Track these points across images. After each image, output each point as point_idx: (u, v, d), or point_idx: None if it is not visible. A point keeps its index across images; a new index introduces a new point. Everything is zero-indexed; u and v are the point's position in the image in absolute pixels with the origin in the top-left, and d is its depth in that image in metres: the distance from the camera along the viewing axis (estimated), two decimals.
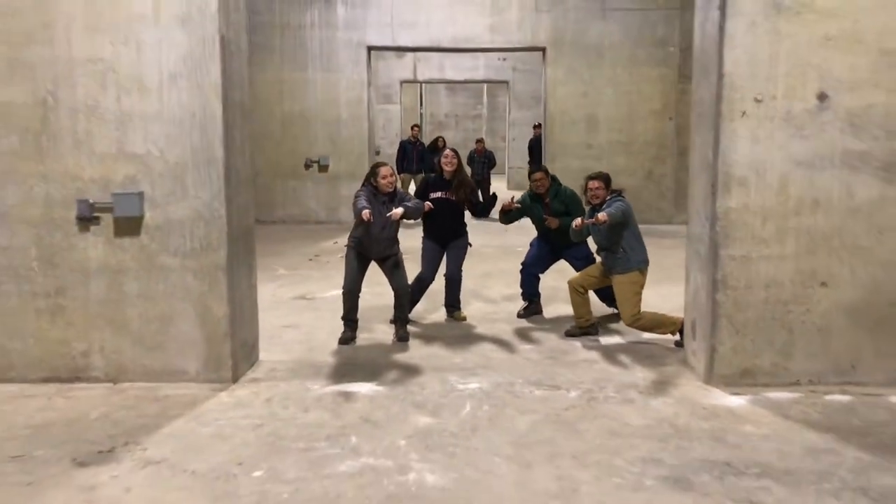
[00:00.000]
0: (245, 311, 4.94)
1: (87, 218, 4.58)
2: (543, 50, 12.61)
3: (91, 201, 4.55)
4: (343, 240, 10.09)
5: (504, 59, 19.39)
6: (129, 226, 4.59)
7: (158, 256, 4.63)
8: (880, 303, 4.67)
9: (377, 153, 14.75)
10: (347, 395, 4.53)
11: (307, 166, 12.65)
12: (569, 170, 10.49)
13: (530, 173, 6.52)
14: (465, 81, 20.96)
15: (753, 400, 4.46)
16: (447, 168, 6.14)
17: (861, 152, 4.57)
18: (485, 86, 25.43)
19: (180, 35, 4.47)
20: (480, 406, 4.36)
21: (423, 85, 24.44)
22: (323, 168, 12.67)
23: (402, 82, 20.07)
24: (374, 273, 5.79)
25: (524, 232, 7.55)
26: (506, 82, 20.35)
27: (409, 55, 18.55)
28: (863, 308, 4.67)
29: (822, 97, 4.54)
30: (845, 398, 4.49)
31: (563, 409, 4.32)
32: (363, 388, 4.66)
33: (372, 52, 12.75)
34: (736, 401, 4.45)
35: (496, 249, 9.65)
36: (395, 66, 19.49)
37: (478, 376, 4.88)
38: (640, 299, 5.51)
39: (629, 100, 12.49)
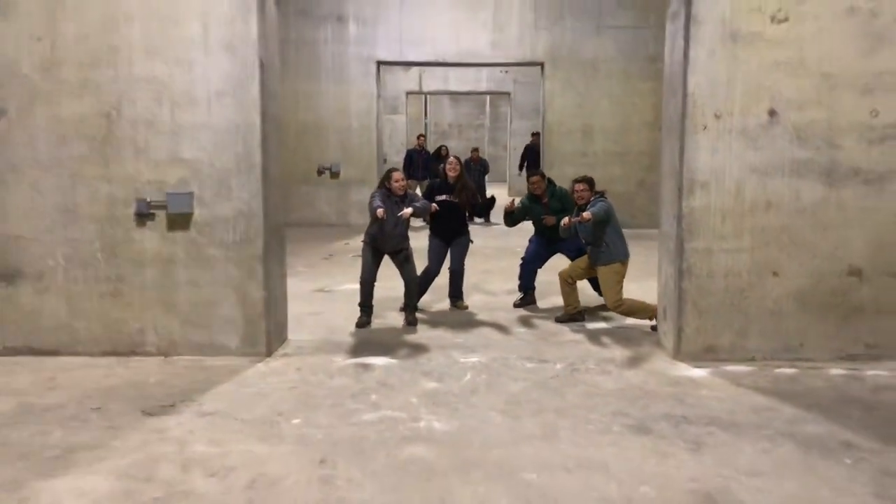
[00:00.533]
0: (277, 296, 5.72)
1: (144, 214, 5.36)
2: (542, 64, 13.41)
3: (148, 200, 5.34)
4: (353, 241, 10.94)
5: (506, 72, 20.21)
6: (180, 221, 5.38)
7: (205, 248, 5.42)
8: (824, 290, 5.43)
9: (384, 161, 15.55)
10: (366, 366, 5.30)
11: (320, 172, 13.45)
12: (565, 176, 11.14)
13: (528, 177, 7.30)
14: (469, 93, 21.80)
15: (713, 372, 5.22)
16: (451, 174, 6.94)
17: (806, 160, 5.34)
18: (487, 97, 26.24)
19: (225, 59, 5.27)
20: (479, 375, 5.12)
21: (428, 96, 25.26)
22: (334, 174, 13.47)
23: (408, 93, 20.89)
24: (386, 270, 6.55)
25: (522, 234, 8.31)
26: (507, 93, 21.18)
27: (415, 68, 19.37)
28: (809, 295, 5.43)
29: (772, 113, 5.32)
30: (792, 371, 5.25)
31: (550, 377, 5.09)
32: (379, 360, 5.44)
33: (380, 65, 13.57)
34: (698, 372, 5.21)
35: (496, 250, 10.41)
36: (401, 77, 20.32)
37: (477, 352, 5.65)
38: (621, 287, 6.28)
39: (623, 112, 13.28)
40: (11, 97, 5.31)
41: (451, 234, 6.94)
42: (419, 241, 7.37)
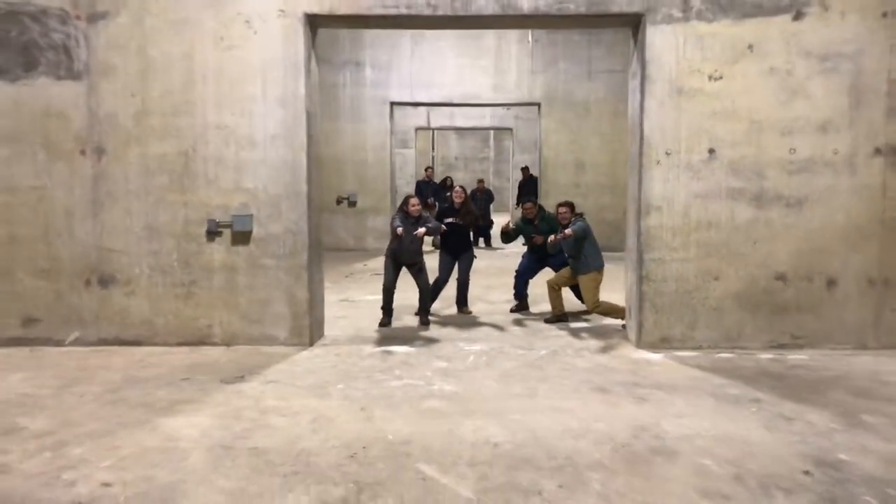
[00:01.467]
0: (317, 298, 7.10)
1: (213, 232, 6.76)
2: (538, 105, 14.90)
3: (217, 220, 6.74)
4: (371, 262, 12.34)
5: (508, 109, 21.71)
6: (242, 237, 6.78)
7: (260, 259, 6.81)
8: (756, 291, 6.77)
9: (395, 191, 17.01)
10: (389, 353, 6.66)
11: (338, 202, 14.88)
12: None
13: (523, 204, 8.71)
14: (473, 128, 23.31)
15: (666, 356, 6.54)
16: (457, 200, 8.35)
17: (739, 188, 6.72)
18: (491, 132, 27.77)
19: (279, 110, 6.70)
20: (480, 358, 6.47)
21: (435, 131, 26.79)
22: (352, 204, 14.91)
23: (417, 129, 22.40)
24: (402, 284, 7.91)
25: (518, 256, 9.66)
26: (510, 129, 22.67)
27: (424, 106, 20.89)
28: (744, 295, 6.77)
29: (711, 151, 6.71)
30: (730, 355, 6.57)
31: (535, 359, 6.43)
32: (400, 349, 6.79)
33: (393, 106, 15.07)
34: (654, 356, 6.54)
35: (497, 269, 11.78)
36: (410, 114, 21.82)
37: (479, 343, 7.00)
38: (598, 291, 7.64)
39: (611, 148, 14.71)
40: (110, 140, 6.75)
41: (457, 250, 8.33)
42: (431, 262, 8.74)
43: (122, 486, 3.84)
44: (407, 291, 8.28)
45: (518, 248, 8.77)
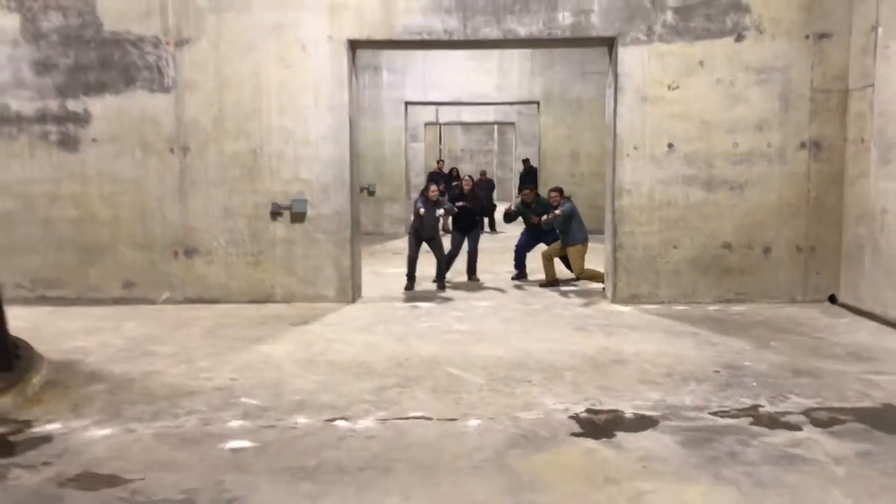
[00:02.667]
0: (356, 265, 8.88)
1: (276, 213, 8.53)
2: (538, 103, 16.62)
3: (279, 204, 8.51)
4: (389, 244, 14.09)
5: (511, 105, 23.41)
6: (299, 217, 8.54)
7: (313, 234, 8.58)
8: (707, 257, 8.52)
9: (409, 183, 18.76)
10: (416, 307, 8.44)
11: (360, 191, 16.60)
12: None
13: (522, 190, 10.49)
14: (479, 123, 25.01)
15: (634, 308, 8.30)
16: (465, 187, 10.14)
17: (692, 175, 8.45)
18: (495, 126, 29.46)
19: (328, 116, 8.46)
20: (487, 310, 8.24)
21: (443, 126, 28.48)
22: (371, 193, 16.66)
23: (426, 124, 24.12)
24: (422, 260, 9.68)
25: (516, 238, 11.43)
26: (512, 123, 24.38)
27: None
28: (698, 260, 8.52)
29: (670, 146, 8.45)
30: (685, 307, 8.32)
31: (531, 311, 8.20)
32: (424, 304, 8.57)
33: (408, 105, 16.81)
34: (624, 309, 8.30)
35: (500, 248, 13.53)
36: (420, 111, 23.48)
37: (486, 301, 8.78)
38: (584, 260, 9.42)
39: (603, 141, 16.33)
40: (193, 140, 8.52)
41: (466, 228, 10.10)
42: (445, 242, 10.51)
43: (244, 380, 5.63)
44: (424, 266, 10.04)
45: (516, 230, 10.55)
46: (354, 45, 8.55)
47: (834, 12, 8.23)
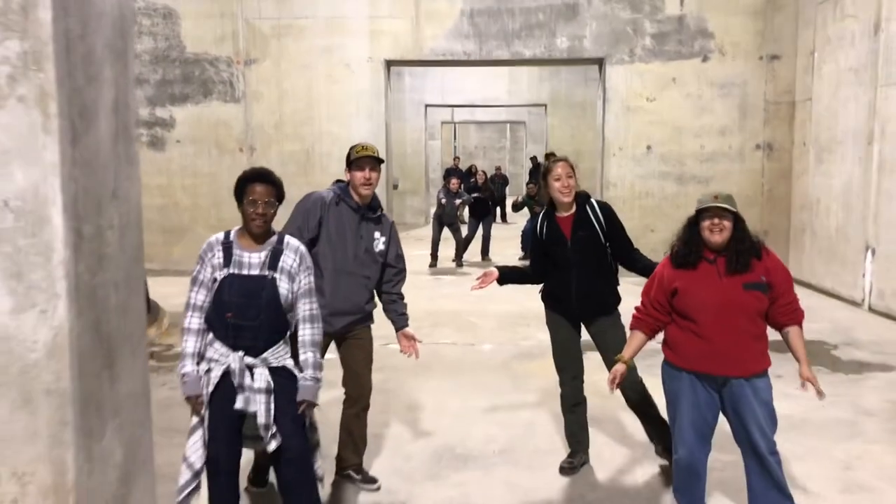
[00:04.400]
0: None
1: None
2: (545, 105, 18.46)
3: None
4: (412, 232, 16.00)
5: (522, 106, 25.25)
6: None
7: None
8: None
9: (428, 177, 20.65)
10: (439, 279, 10.34)
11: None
12: None
13: (527, 184, 12.36)
14: (491, 122, 26.86)
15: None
16: (480, 180, 12.02)
17: (667, 171, 10.30)
18: (507, 125, 31.32)
19: (367, 122, 10.36)
20: None
21: (458, 125, 30.38)
22: (395, 187, 18.54)
23: (443, 123, 26.02)
24: (442, 249, 11.57)
25: (523, 225, 13.31)
26: (523, 122, 26.23)
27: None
28: (670, 241, 10.35)
29: (648, 148, 10.29)
30: None
31: None
32: (445, 277, 10.47)
33: (427, 107, 18.70)
34: None
35: (509, 236, 15.43)
36: (436, 110, 25.44)
37: None
38: None
39: None
40: (258, 141, 10.44)
41: (481, 215, 11.99)
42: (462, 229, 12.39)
43: None
44: (444, 250, 11.94)
45: (522, 219, 12.51)
46: (389, 64, 10.44)
47: (782, 38, 10.05)
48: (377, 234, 3.74)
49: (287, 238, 3.16)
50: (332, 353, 3.82)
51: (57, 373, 2.34)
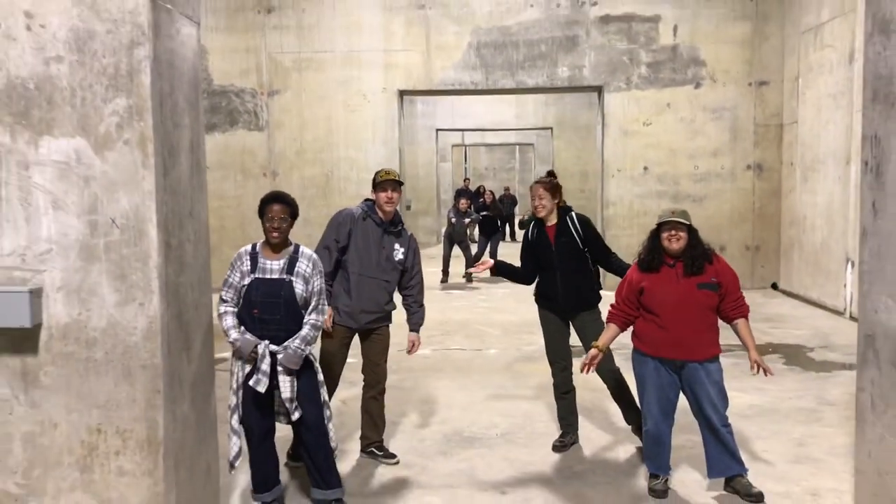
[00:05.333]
0: None
1: None
2: (551, 129, 19.20)
3: None
4: (424, 251, 16.72)
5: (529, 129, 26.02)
6: None
7: None
8: None
9: (440, 198, 21.38)
10: (450, 293, 11.03)
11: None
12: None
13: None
14: (501, 144, 27.63)
15: None
16: (487, 200, 12.74)
17: (663, 191, 10.97)
18: (516, 146, 32.10)
19: (382, 148, 11.11)
20: (504, 295, 10.80)
21: (468, 147, 31.18)
22: (407, 208, 19.27)
23: (454, 146, 26.82)
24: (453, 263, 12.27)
25: None
26: (531, 144, 26.98)
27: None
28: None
29: (645, 168, 10.97)
30: None
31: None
32: (456, 292, 11.17)
33: (438, 132, 19.48)
34: (609, 293, 10.82)
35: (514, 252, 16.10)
36: (447, 134, 26.26)
37: (504, 289, 11.33)
38: None
39: None
40: (281, 167, 11.21)
41: (489, 232, 12.70)
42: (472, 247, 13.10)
43: None
44: (454, 267, 12.64)
45: None
46: (403, 94, 11.21)
47: (770, 65, 10.74)
48: (397, 246, 4.42)
49: (302, 248, 3.87)
50: (354, 358, 4.50)
51: (151, 352, 3.06)
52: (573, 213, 4.76)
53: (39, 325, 3.00)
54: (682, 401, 4.00)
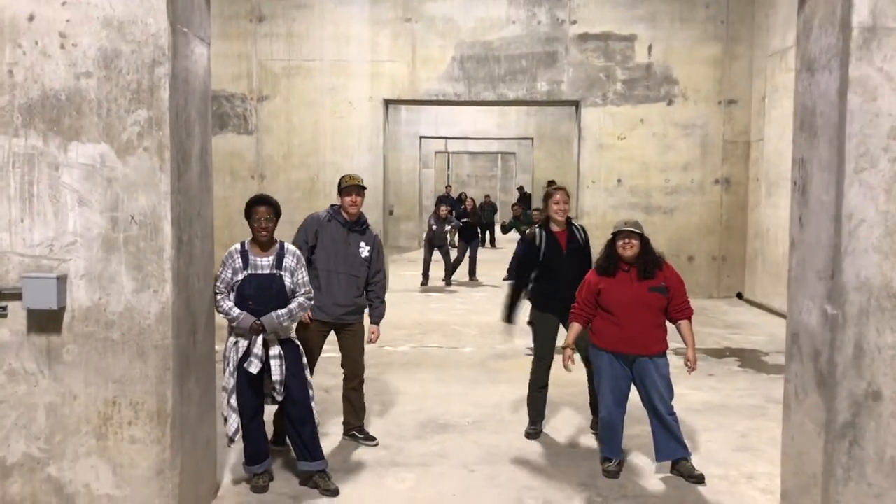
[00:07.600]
0: (386, 266, 11.93)
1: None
2: (532, 139, 19.71)
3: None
4: (406, 255, 17.12)
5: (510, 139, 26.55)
6: None
7: None
8: None
9: (422, 204, 21.81)
10: (429, 296, 11.45)
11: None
12: None
13: (512, 206, 13.54)
14: (483, 152, 28.12)
15: None
16: (468, 207, 13.19)
17: (635, 202, 11.47)
18: (498, 155, 32.62)
19: (368, 154, 11.53)
20: (483, 299, 11.24)
21: (451, 154, 31.65)
22: (391, 213, 19.70)
23: (437, 152, 27.25)
24: (434, 268, 12.69)
25: (509, 253, 14.46)
26: (513, 153, 27.49)
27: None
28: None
29: (619, 181, 11.47)
30: None
31: None
32: (435, 294, 11.60)
33: (422, 139, 19.92)
34: None
35: (498, 259, 16.56)
36: (430, 141, 26.70)
37: (482, 293, 11.79)
38: None
39: None
40: (268, 170, 11.59)
41: (469, 238, 13.15)
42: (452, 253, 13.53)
43: None
44: (434, 270, 13.07)
45: (511, 243, 13.86)
46: (388, 103, 11.64)
47: (738, 85, 11.29)
48: (363, 244, 4.86)
49: (287, 245, 4.30)
50: (332, 353, 4.91)
51: (163, 334, 3.46)
52: (574, 222, 5.23)
53: (64, 308, 3.39)
54: (636, 394, 4.45)
